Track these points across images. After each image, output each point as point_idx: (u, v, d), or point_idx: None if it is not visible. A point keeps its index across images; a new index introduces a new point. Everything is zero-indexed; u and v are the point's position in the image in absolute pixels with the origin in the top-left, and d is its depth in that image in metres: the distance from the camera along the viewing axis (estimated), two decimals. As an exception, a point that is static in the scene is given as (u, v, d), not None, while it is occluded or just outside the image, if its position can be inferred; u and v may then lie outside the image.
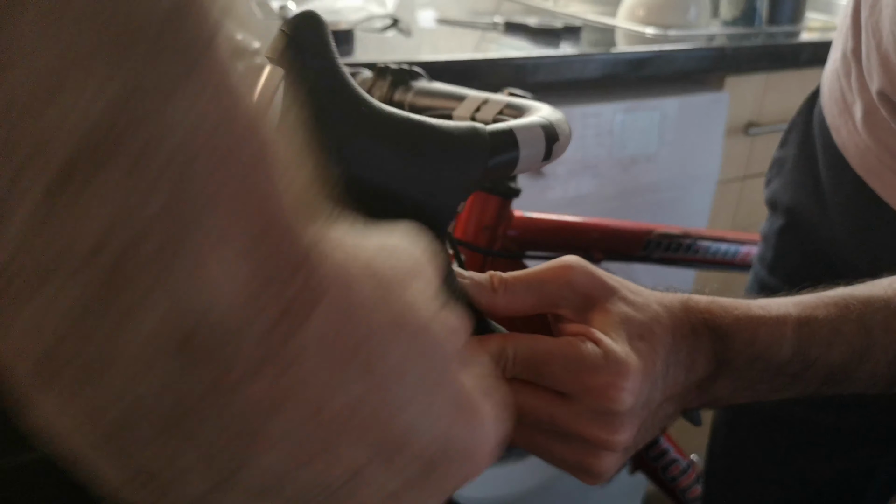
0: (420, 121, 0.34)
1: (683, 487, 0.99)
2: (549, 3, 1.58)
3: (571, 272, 0.38)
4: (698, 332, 0.38)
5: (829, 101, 0.66)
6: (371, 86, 0.59)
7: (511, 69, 1.01)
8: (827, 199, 0.65)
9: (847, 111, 0.63)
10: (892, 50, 0.55)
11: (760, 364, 0.39)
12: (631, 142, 1.14)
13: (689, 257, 0.89)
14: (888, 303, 0.42)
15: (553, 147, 0.38)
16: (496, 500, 1.27)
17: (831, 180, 0.65)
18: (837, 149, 0.63)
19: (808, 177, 0.68)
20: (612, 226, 0.84)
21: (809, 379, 0.41)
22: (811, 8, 1.57)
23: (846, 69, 0.64)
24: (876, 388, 0.43)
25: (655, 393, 0.37)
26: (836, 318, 0.41)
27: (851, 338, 0.41)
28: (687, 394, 0.39)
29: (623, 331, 0.36)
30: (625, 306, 0.38)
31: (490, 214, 0.73)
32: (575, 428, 0.36)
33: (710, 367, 0.39)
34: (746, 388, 0.40)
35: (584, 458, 0.37)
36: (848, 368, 0.41)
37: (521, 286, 0.38)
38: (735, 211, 1.40)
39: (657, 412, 0.38)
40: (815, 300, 0.42)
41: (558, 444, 0.37)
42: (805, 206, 0.67)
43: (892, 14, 0.55)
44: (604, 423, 0.35)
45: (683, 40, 1.20)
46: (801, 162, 0.69)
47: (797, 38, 1.33)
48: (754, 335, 0.39)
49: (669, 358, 0.37)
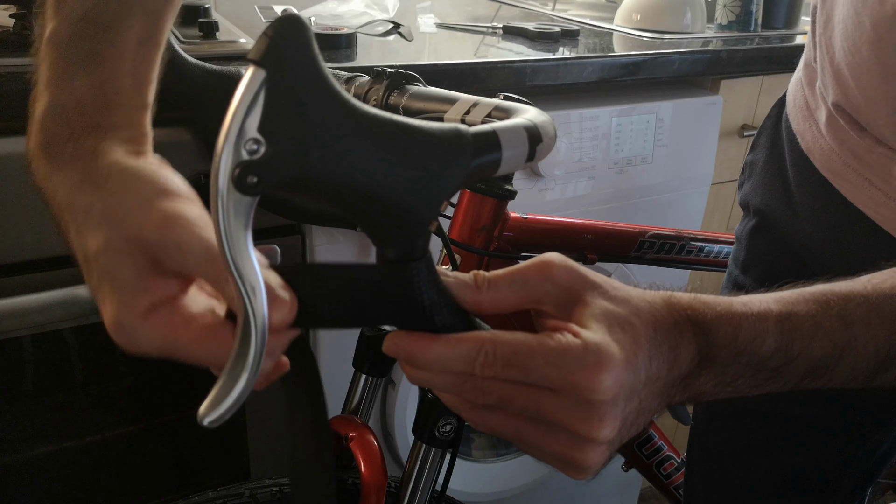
0: (403, 122, 0.34)
1: (678, 484, 1.00)
2: (547, 8, 1.60)
3: (552, 268, 0.38)
4: (681, 327, 0.39)
5: (793, 109, 0.68)
6: (368, 89, 0.60)
7: (510, 73, 1.02)
8: (796, 200, 0.66)
9: (811, 117, 0.64)
10: (843, 65, 0.57)
11: (744, 358, 0.40)
12: (627, 144, 1.16)
13: (682, 258, 0.91)
14: (867, 297, 0.43)
15: (537, 148, 0.38)
16: (493, 496, 1.28)
17: (799, 182, 0.66)
18: (804, 153, 0.65)
19: (777, 179, 0.69)
20: (606, 227, 0.86)
21: (791, 373, 0.41)
22: (805, 12, 1.58)
23: (809, 77, 0.65)
24: (856, 382, 0.43)
25: (638, 385, 0.37)
26: (817, 313, 0.41)
27: (832, 332, 0.41)
28: (671, 388, 0.39)
29: (604, 322, 0.37)
30: (605, 300, 0.38)
31: (485, 216, 0.74)
32: (560, 418, 0.36)
33: (694, 363, 0.39)
34: (729, 383, 0.41)
35: (569, 451, 0.37)
36: (829, 363, 0.41)
37: (504, 283, 0.38)
38: (729, 213, 1.41)
39: (641, 406, 0.38)
40: (795, 296, 0.42)
41: (545, 435, 0.37)
42: (775, 207, 0.68)
43: (842, 31, 0.56)
44: (588, 414, 0.36)
45: (679, 44, 1.21)
46: (771, 165, 0.70)
47: (791, 42, 1.35)
48: (737, 330, 0.40)
49: (652, 351, 0.37)
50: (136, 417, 0.97)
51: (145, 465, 1.00)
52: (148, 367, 0.95)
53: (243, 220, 0.32)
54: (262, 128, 0.31)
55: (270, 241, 0.89)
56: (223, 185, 0.31)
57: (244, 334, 0.34)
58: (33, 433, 0.91)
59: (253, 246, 0.34)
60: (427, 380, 0.38)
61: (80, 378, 0.91)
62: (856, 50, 0.55)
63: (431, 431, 0.69)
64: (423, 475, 0.70)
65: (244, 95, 0.30)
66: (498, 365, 0.36)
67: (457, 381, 0.37)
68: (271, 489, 0.72)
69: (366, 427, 0.78)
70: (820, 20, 0.61)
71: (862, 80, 0.56)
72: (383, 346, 0.38)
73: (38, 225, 0.78)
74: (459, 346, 0.36)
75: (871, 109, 0.56)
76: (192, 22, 1.00)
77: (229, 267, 0.33)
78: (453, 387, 0.38)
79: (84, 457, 0.95)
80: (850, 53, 0.56)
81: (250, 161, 0.31)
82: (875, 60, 0.54)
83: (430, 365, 0.37)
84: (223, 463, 1.06)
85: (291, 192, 0.34)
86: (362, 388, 0.80)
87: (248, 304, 0.33)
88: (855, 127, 0.59)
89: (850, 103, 0.58)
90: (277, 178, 0.32)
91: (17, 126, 0.76)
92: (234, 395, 0.34)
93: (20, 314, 0.77)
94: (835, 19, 0.58)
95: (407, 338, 0.37)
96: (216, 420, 0.34)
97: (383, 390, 1.11)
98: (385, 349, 0.38)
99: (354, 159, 0.32)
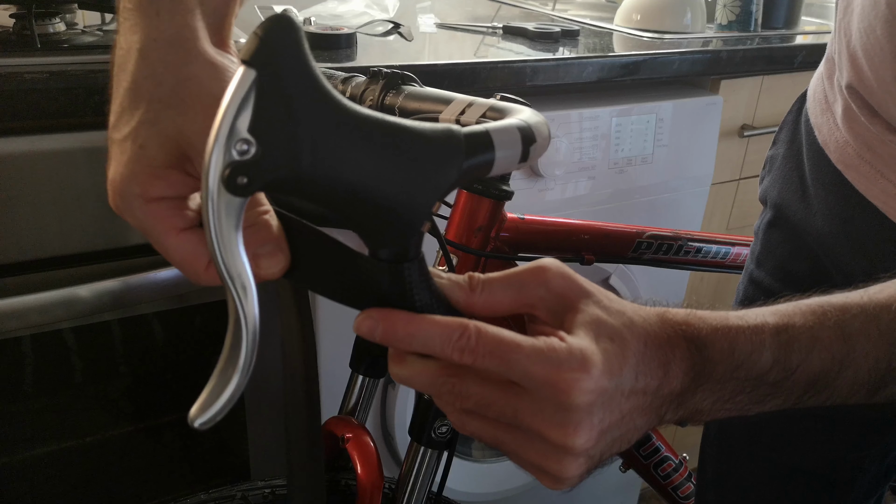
0: (394, 122, 0.34)
1: (675, 485, 1.00)
2: (547, 8, 1.60)
3: (548, 274, 0.38)
4: (674, 343, 0.38)
5: (812, 102, 0.69)
6: (364, 89, 0.60)
7: (510, 73, 1.02)
8: (811, 194, 0.67)
9: (829, 110, 0.65)
10: (859, 46, 0.58)
11: (741, 373, 0.39)
12: (627, 144, 1.16)
13: (681, 259, 0.90)
14: (864, 309, 0.42)
15: (530, 149, 0.38)
16: (492, 496, 1.28)
17: (814, 175, 0.67)
18: (820, 146, 0.66)
19: (794, 172, 0.70)
20: (603, 227, 0.85)
21: (791, 387, 0.41)
22: (806, 12, 1.58)
23: (829, 71, 0.66)
24: (858, 396, 0.42)
25: (619, 397, 0.36)
26: (814, 325, 0.41)
27: (830, 344, 0.41)
28: (661, 406, 0.39)
29: (592, 331, 0.37)
30: (598, 310, 0.38)
31: (482, 216, 0.74)
32: (536, 424, 0.36)
33: (687, 380, 0.38)
34: (728, 399, 0.40)
35: (545, 460, 0.37)
36: (829, 376, 0.41)
37: (498, 286, 0.38)
38: (729, 213, 1.41)
39: (623, 421, 0.37)
40: (791, 308, 0.42)
41: (522, 443, 0.37)
42: (791, 201, 0.69)
43: (860, 13, 0.57)
44: (563, 420, 0.35)
45: (679, 44, 1.21)
46: (789, 159, 0.71)
47: (791, 42, 1.35)
48: (733, 344, 0.39)
49: (640, 367, 0.37)
50: (136, 418, 0.98)
51: (145, 465, 1.00)
52: (147, 368, 0.96)
53: (234, 220, 0.32)
54: (252, 128, 0.31)
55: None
56: (213, 186, 0.31)
57: (235, 335, 0.34)
58: (32, 433, 0.91)
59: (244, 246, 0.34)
60: (408, 376, 0.37)
61: (78, 378, 0.91)
62: (870, 30, 0.56)
63: (428, 433, 0.69)
64: (420, 477, 0.70)
65: (234, 95, 0.30)
66: (479, 352, 0.35)
67: (435, 380, 0.37)
68: (263, 491, 0.72)
69: (362, 428, 0.77)
70: (841, 6, 0.62)
71: (875, 61, 0.56)
72: (354, 325, 0.36)
73: (37, 225, 0.79)
74: (441, 326, 0.35)
75: (882, 91, 0.57)
76: (191, 22, 1.00)
77: (220, 268, 0.33)
78: (432, 387, 0.37)
79: (83, 457, 0.95)
80: (865, 34, 0.56)
81: (241, 162, 0.31)
82: (888, 39, 0.54)
83: (408, 339, 0.36)
84: (223, 464, 1.06)
85: (282, 193, 0.34)
86: (359, 389, 0.80)
87: (239, 304, 0.33)
88: (867, 112, 0.59)
89: (863, 85, 0.59)
90: (268, 178, 0.31)
91: (17, 126, 0.76)
92: (226, 397, 0.34)
93: (19, 314, 0.78)
94: (854, 3, 0.58)
95: (384, 314, 0.36)
96: (207, 422, 0.34)
97: (383, 391, 1.11)
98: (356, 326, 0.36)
99: (345, 160, 0.32)
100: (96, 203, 0.80)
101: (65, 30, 0.97)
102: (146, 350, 0.94)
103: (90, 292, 0.80)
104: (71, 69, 0.79)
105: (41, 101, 0.76)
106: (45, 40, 0.90)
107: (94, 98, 0.78)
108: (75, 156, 0.78)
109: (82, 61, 0.81)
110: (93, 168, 0.79)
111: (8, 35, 0.92)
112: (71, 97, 0.77)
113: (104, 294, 0.80)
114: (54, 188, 0.78)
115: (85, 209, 0.80)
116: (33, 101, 0.75)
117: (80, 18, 1.04)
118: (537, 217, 0.82)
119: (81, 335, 0.88)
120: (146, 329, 0.91)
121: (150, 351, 0.94)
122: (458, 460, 1.24)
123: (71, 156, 0.78)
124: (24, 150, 0.75)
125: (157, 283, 0.83)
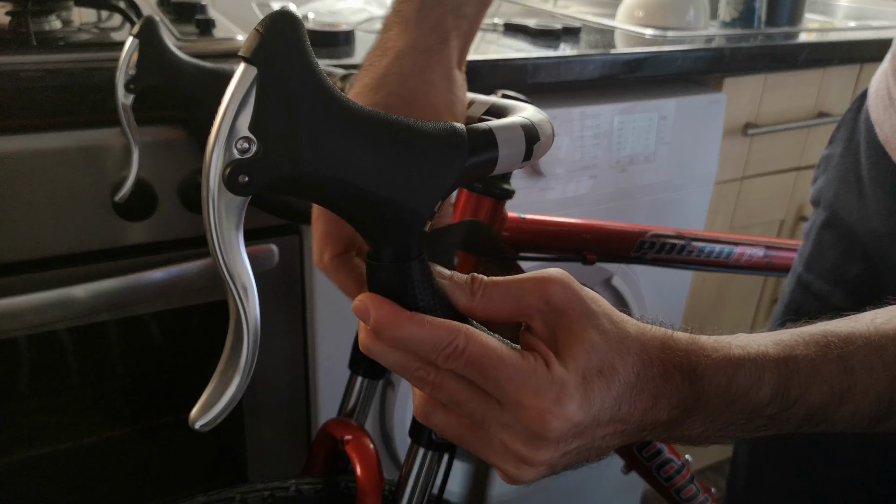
0: (397, 120, 0.33)
1: (678, 487, 0.99)
2: (548, 5, 1.59)
3: (550, 286, 0.37)
4: (668, 376, 0.38)
5: (874, 100, 0.68)
6: (363, 87, 0.59)
7: (511, 70, 1.01)
8: (867, 193, 0.65)
9: (892, 106, 0.64)
10: None
11: (736, 407, 0.39)
12: (629, 142, 1.15)
13: (683, 258, 0.90)
14: (869, 339, 0.41)
15: (534, 147, 0.37)
16: (492, 497, 1.27)
17: (872, 174, 0.65)
18: (880, 144, 0.64)
19: (851, 171, 0.68)
20: (605, 227, 0.84)
21: (788, 420, 0.40)
22: (810, 10, 1.57)
23: (894, 67, 0.65)
24: (859, 426, 0.42)
25: (595, 427, 0.37)
26: (816, 357, 0.40)
27: (831, 377, 0.40)
28: (641, 430, 0.39)
29: (582, 359, 0.36)
30: (596, 334, 0.37)
31: (483, 215, 0.73)
32: (501, 435, 0.36)
33: (675, 413, 0.38)
34: (719, 429, 0.40)
35: (505, 463, 0.37)
36: (828, 409, 0.40)
37: (499, 292, 0.37)
38: (733, 212, 1.40)
39: (596, 443, 0.38)
40: (795, 338, 0.41)
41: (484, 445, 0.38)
42: (847, 201, 0.68)
43: None
44: (529, 441, 0.36)
45: (682, 41, 1.20)
46: (847, 158, 0.70)
47: (795, 40, 1.34)
48: (731, 379, 0.39)
49: (625, 397, 0.37)
50: (133, 419, 0.97)
51: (142, 467, 1.00)
52: (144, 369, 0.95)
53: (235, 220, 0.32)
54: (253, 126, 0.30)
55: (269, 240, 0.88)
56: (214, 185, 0.30)
57: (236, 336, 0.34)
58: (29, 434, 0.90)
59: (245, 246, 0.33)
60: (380, 353, 0.37)
61: (75, 379, 0.90)
62: None
63: (428, 435, 0.68)
64: (420, 479, 0.69)
65: (235, 93, 0.30)
66: (461, 360, 0.35)
67: (410, 364, 0.37)
68: (262, 493, 0.71)
69: (362, 430, 0.77)
70: None
71: None
72: (352, 306, 0.36)
73: (34, 225, 0.78)
74: (432, 332, 0.35)
75: None
76: (188, 19, 0.99)
77: (221, 268, 0.32)
78: (405, 371, 0.37)
79: (80, 459, 0.94)
80: None
81: (241, 160, 0.30)
82: None
83: (397, 342, 0.36)
84: (220, 466, 1.05)
85: (284, 192, 0.33)
86: (358, 391, 0.79)
87: (240, 305, 0.33)
88: None
89: None
90: (269, 177, 0.31)
91: (12, 124, 0.76)
92: (227, 399, 0.33)
93: (15, 315, 0.77)
94: None
95: (381, 305, 0.36)
96: (208, 424, 0.33)
97: (382, 392, 1.10)
98: (354, 307, 0.36)
99: (347, 158, 0.32)
100: (93, 202, 0.80)
101: (61, 27, 0.96)
102: (143, 351, 0.93)
103: (86, 292, 0.79)
104: (67, 67, 0.78)
105: (37, 99, 0.75)
106: (41, 38, 0.90)
107: (90, 96, 0.77)
108: (71, 154, 0.77)
109: (78, 59, 0.80)
110: (89, 167, 0.78)
111: (4, 33, 0.91)
112: (67, 95, 0.76)
113: (100, 294, 0.80)
114: (50, 187, 0.77)
115: (81, 208, 0.79)
116: (29, 99, 0.75)
117: (76, 16, 1.03)
118: (538, 216, 0.81)
119: (78, 336, 0.87)
120: (143, 330, 0.91)
121: (147, 352, 0.93)
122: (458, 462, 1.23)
123: (67, 154, 0.77)
124: (19, 149, 0.74)
125: (154, 283, 0.82)
